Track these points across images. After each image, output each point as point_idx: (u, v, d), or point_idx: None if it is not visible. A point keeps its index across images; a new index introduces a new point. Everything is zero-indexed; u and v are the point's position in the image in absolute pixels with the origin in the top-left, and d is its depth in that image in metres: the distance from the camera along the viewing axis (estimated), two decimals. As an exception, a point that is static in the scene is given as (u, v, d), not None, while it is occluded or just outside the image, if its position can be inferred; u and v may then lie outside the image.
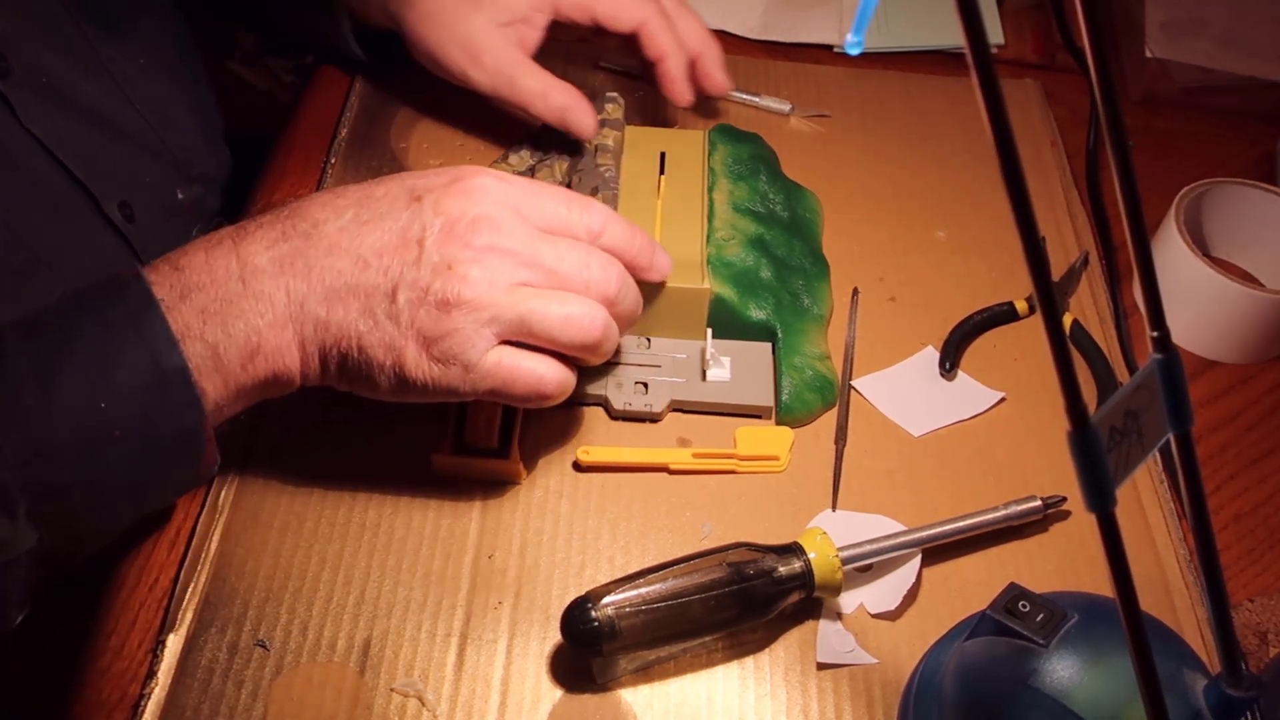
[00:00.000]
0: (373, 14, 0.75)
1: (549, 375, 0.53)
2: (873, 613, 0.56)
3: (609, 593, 0.50)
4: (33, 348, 0.47)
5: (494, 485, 0.60)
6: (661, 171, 0.71)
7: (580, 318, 0.52)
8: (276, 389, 0.52)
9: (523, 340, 0.52)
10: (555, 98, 0.70)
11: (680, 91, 0.74)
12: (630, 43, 0.74)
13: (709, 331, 0.64)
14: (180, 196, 0.73)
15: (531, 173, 0.72)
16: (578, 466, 0.61)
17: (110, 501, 0.49)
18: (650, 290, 0.64)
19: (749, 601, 0.52)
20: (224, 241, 0.51)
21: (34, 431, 0.45)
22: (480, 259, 0.50)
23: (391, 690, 0.52)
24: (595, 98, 0.75)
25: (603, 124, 0.73)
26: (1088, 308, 0.71)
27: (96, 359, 0.47)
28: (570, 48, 0.85)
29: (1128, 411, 0.35)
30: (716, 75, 0.75)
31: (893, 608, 0.56)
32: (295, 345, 0.50)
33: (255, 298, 0.49)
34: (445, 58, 0.71)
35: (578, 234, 0.54)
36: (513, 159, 0.74)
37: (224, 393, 0.50)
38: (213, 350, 0.49)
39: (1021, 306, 0.70)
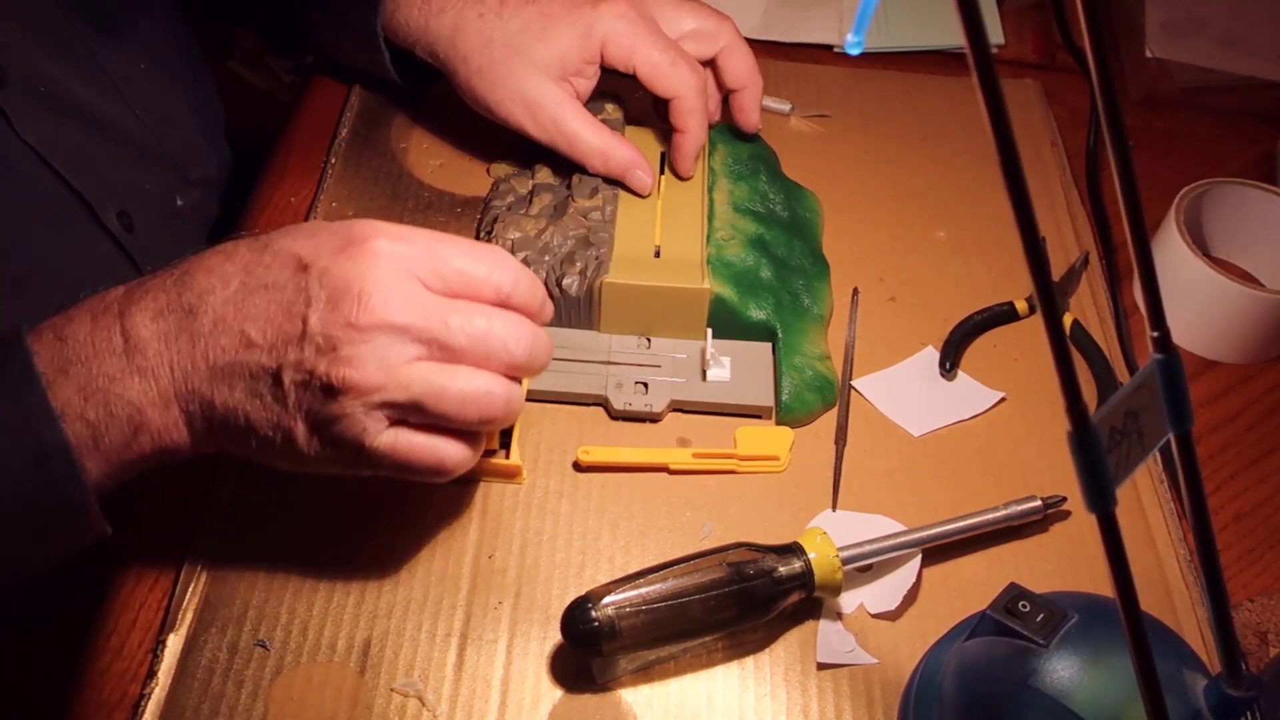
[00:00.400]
0: (417, 51, 0.73)
1: (448, 454, 0.49)
2: (873, 613, 0.56)
3: (609, 593, 0.50)
4: None
5: (494, 485, 0.60)
6: (661, 171, 0.71)
7: (478, 396, 0.48)
8: (168, 458, 0.50)
9: (419, 418, 0.48)
10: (615, 160, 0.68)
11: (685, 169, 0.71)
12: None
13: (709, 331, 0.64)
14: (179, 202, 0.73)
15: (531, 172, 0.72)
16: (578, 466, 0.61)
17: None
18: (651, 291, 0.64)
19: (749, 601, 0.52)
20: (110, 309, 0.48)
21: None
22: (367, 338, 0.46)
23: (391, 690, 0.52)
24: (595, 98, 0.76)
25: (602, 124, 0.72)
26: (1088, 308, 0.71)
27: None
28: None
29: (1128, 411, 0.35)
30: (750, 113, 0.73)
31: (893, 608, 0.56)
32: (182, 422, 0.48)
33: (139, 374, 0.47)
34: (503, 112, 0.69)
35: (484, 294, 0.50)
36: (512, 158, 0.74)
37: (107, 469, 0.48)
38: (93, 430, 0.47)
39: (1021, 306, 0.70)
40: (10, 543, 0.48)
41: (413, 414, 0.48)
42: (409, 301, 0.47)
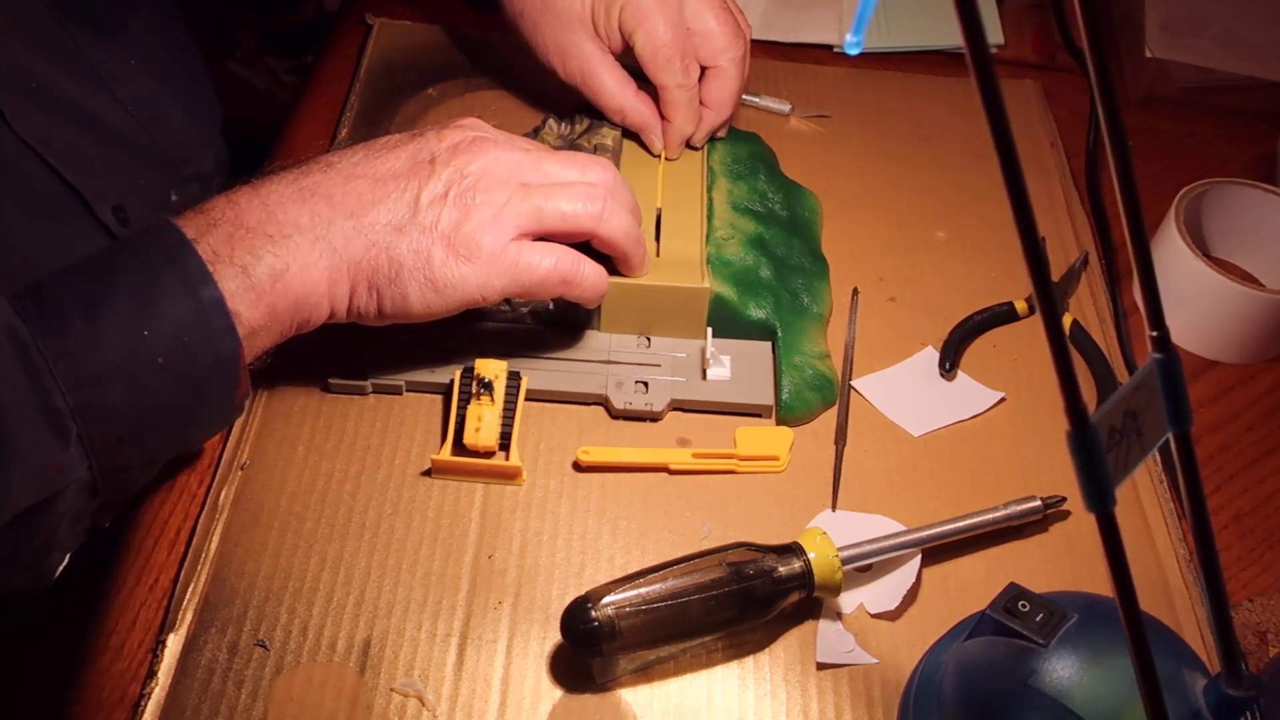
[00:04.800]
0: None
1: (564, 260, 0.57)
2: (873, 613, 0.56)
3: (609, 593, 0.50)
4: (78, 286, 0.49)
5: (494, 485, 0.60)
6: (660, 169, 0.71)
7: (579, 206, 0.57)
8: (307, 312, 0.54)
9: (540, 235, 0.57)
10: (632, 117, 0.72)
11: (669, 150, 0.72)
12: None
13: (709, 331, 0.64)
14: (174, 198, 0.73)
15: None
16: (578, 466, 0.61)
17: (155, 427, 0.50)
18: (651, 291, 0.64)
19: (749, 601, 0.52)
20: (243, 189, 0.54)
21: (83, 359, 0.47)
22: (488, 158, 0.56)
23: (391, 690, 0.52)
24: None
25: (602, 124, 0.73)
26: (1088, 308, 0.71)
27: (138, 293, 0.49)
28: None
29: (1127, 411, 0.35)
30: (695, 137, 0.73)
31: (893, 608, 0.56)
32: (324, 262, 0.53)
33: (280, 222, 0.52)
34: (541, 51, 0.74)
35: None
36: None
37: (256, 314, 0.51)
38: (242, 271, 0.51)
39: (1021, 306, 0.70)
40: (173, 396, 0.50)
41: (533, 222, 0.56)
42: (512, 148, 0.58)
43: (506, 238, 0.55)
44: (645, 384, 0.63)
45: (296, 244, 0.52)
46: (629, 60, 0.71)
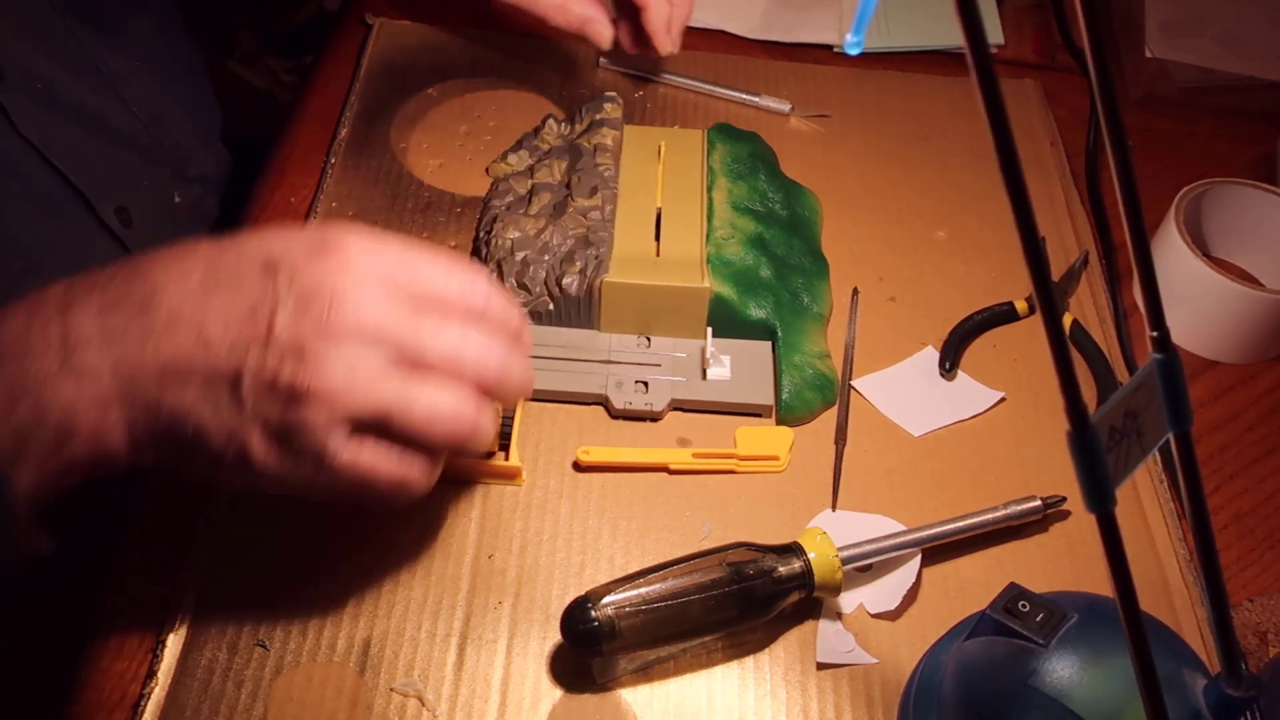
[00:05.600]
0: None
1: (410, 473, 0.46)
2: (873, 613, 0.56)
3: (609, 593, 0.50)
4: None
5: (494, 485, 0.60)
6: (660, 168, 0.71)
7: (446, 412, 0.45)
8: (104, 468, 0.46)
9: (382, 434, 0.46)
10: (574, 9, 0.71)
11: (661, 41, 0.74)
12: None
13: (709, 330, 0.64)
14: (177, 199, 0.73)
15: (530, 172, 0.72)
16: (578, 466, 0.61)
17: None
18: (651, 291, 0.64)
19: (749, 601, 0.52)
20: (49, 304, 0.45)
21: None
22: (337, 343, 0.44)
23: (391, 690, 0.52)
24: (595, 98, 0.76)
25: (601, 124, 0.73)
26: (1088, 308, 0.71)
27: None
28: (570, 47, 0.85)
29: (1127, 411, 0.35)
30: (674, 33, 0.75)
31: (893, 608, 0.56)
32: (122, 426, 0.45)
33: (76, 374, 0.43)
34: None
35: (454, 308, 0.47)
36: (511, 159, 0.74)
37: (36, 479, 0.44)
38: (19, 435, 0.43)
39: (1021, 306, 0.70)
40: None
41: (376, 428, 0.45)
42: (381, 308, 0.45)
43: (341, 441, 0.45)
44: (645, 384, 0.63)
45: (91, 402, 0.44)
46: None
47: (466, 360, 0.46)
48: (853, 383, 0.66)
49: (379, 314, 0.45)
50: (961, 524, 0.58)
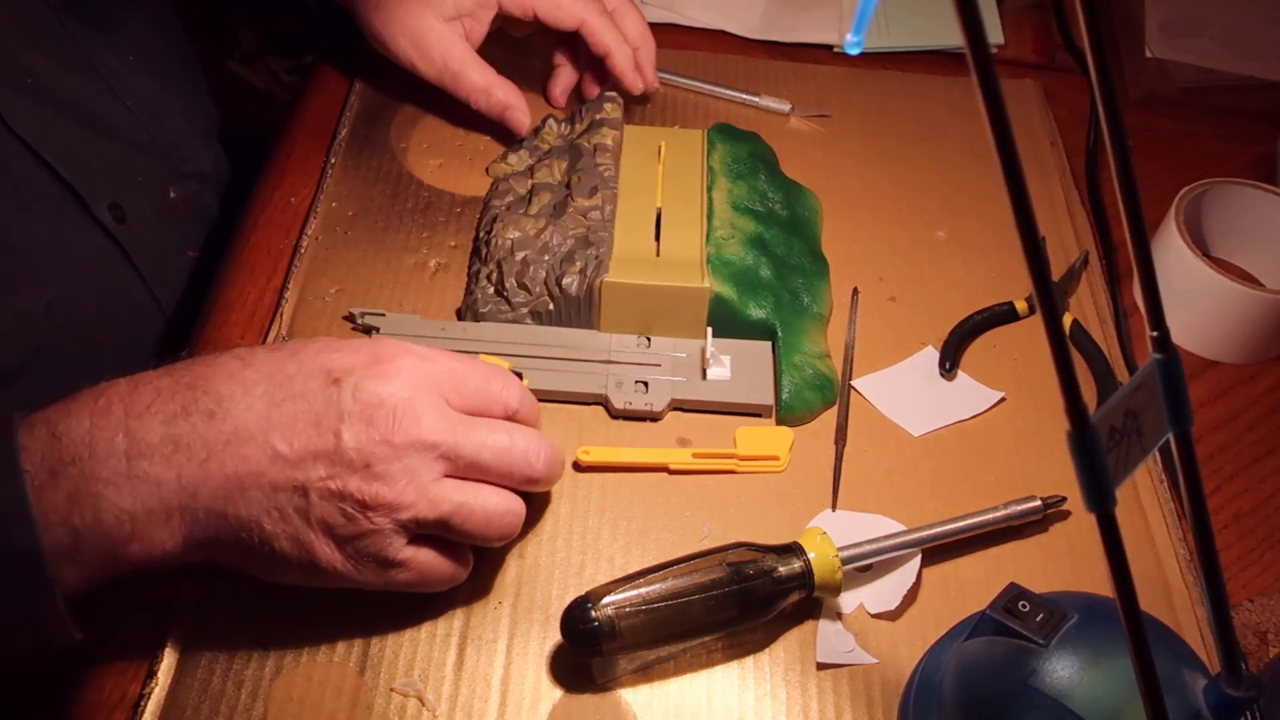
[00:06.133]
0: None
1: (459, 568, 0.51)
2: (873, 613, 0.56)
3: (609, 593, 0.50)
4: None
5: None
6: (660, 168, 0.71)
7: (502, 514, 0.50)
8: (154, 568, 0.47)
9: (439, 535, 0.49)
10: (496, 95, 0.73)
11: (632, 82, 0.76)
12: (575, 41, 0.76)
13: (709, 330, 0.64)
14: (173, 195, 0.73)
15: (530, 173, 0.72)
16: (578, 466, 0.61)
17: None
18: (651, 291, 0.64)
19: (749, 601, 0.52)
20: (113, 409, 0.45)
21: None
22: (400, 455, 0.46)
23: (391, 690, 0.52)
24: (595, 98, 0.76)
25: (601, 124, 0.73)
26: (1088, 308, 0.71)
27: None
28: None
29: (1128, 411, 0.35)
30: (647, 73, 0.77)
31: (893, 608, 0.56)
32: (179, 536, 0.46)
33: (139, 481, 0.44)
34: (394, 48, 0.74)
35: (495, 411, 0.51)
36: (511, 159, 0.74)
37: (85, 576, 0.45)
38: (77, 538, 0.44)
39: (1021, 306, 0.70)
40: None
41: (436, 529, 0.49)
42: (438, 420, 0.48)
43: (404, 544, 0.48)
44: (645, 384, 0.63)
45: (150, 511, 0.45)
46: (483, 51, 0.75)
47: (517, 460, 0.50)
48: (853, 383, 0.66)
49: (437, 425, 0.48)
50: (961, 524, 0.58)
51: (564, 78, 0.79)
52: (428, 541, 0.49)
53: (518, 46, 0.80)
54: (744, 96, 0.83)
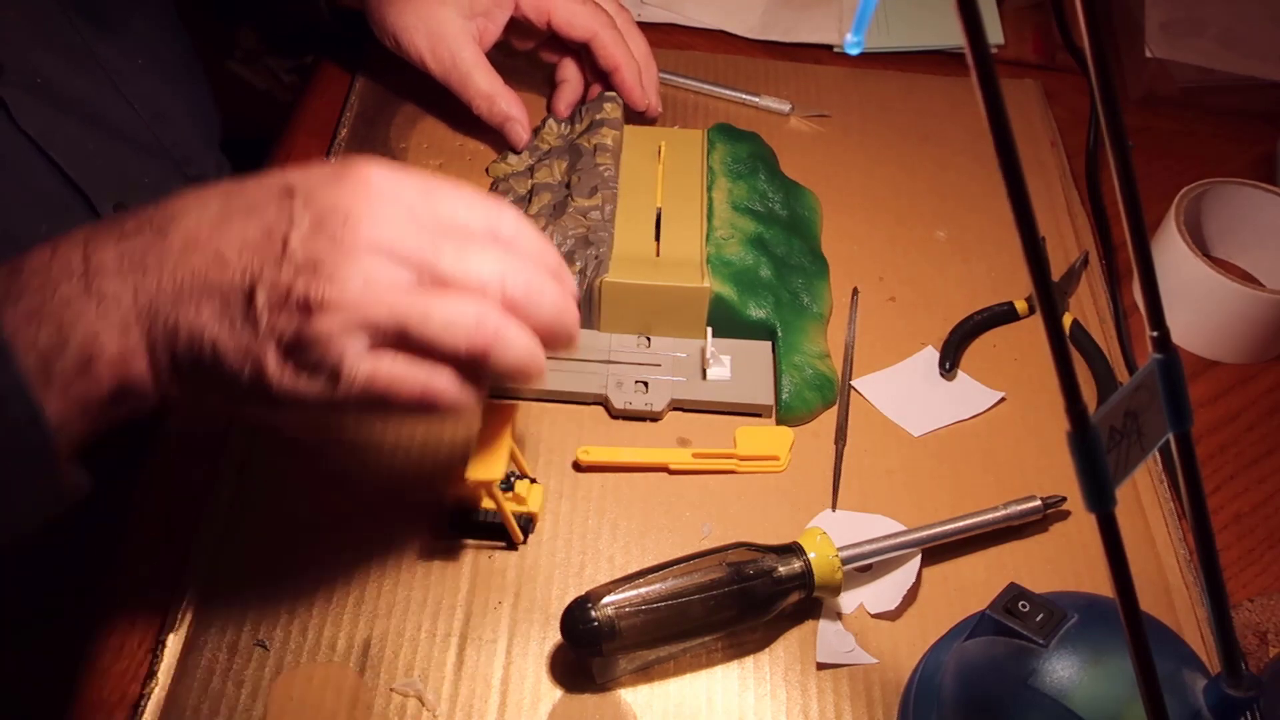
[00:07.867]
0: None
1: (435, 383, 0.45)
2: (873, 613, 0.56)
3: (609, 593, 0.50)
4: None
5: (494, 485, 0.60)
6: (660, 168, 0.71)
7: (467, 321, 0.44)
8: (132, 401, 0.46)
9: (402, 348, 0.45)
10: (499, 105, 0.73)
11: (638, 98, 0.76)
12: (582, 56, 0.76)
13: (709, 330, 0.64)
14: None
15: (530, 172, 0.72)
16: (578, 466, 0.61)
17: None
18: (651, 290, 0.64)
19: (749, 601, 0.52)
20: (74, 236, 0.45)
21: None
22: (352, 257, 0.43)
23: (391, 690, 0.52)
24: (595, 98, 0.76)
25: (601, 124, 0.73)
26: (1088, 308, 0.71)
27: None
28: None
29: (1127, 411, 0.35)
30: (650, 94, 0.77)
31: (893, 608, 0.56)
32: (143, 351, 0.44)
33: (97, 298, 0.44)
34: (406, 41, 0.73)
35: (479, 237, 0.47)
36: (511, 159, 0.74)
37: (64, 406, 0.44)
38: (44, 359, 0.43)
39: (1021, 306, 0.70)
40: None
41: (395, 340, 0.44)
42: (400, 228, 0.44)
43: (358, 353, 0.44)
44: (645, 384, 0.63)
45: (112, 325, 0.44)
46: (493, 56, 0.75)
47: (489, 278, 0.45)
48: (853, 383, 0.66)
49: (398, 233, 0.44)
50: (961, 524, 0.58)
51: (569, 92, 0.79)
52: (391, 355, 0.45)
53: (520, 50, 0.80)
54: (744, 96, 0.83)
